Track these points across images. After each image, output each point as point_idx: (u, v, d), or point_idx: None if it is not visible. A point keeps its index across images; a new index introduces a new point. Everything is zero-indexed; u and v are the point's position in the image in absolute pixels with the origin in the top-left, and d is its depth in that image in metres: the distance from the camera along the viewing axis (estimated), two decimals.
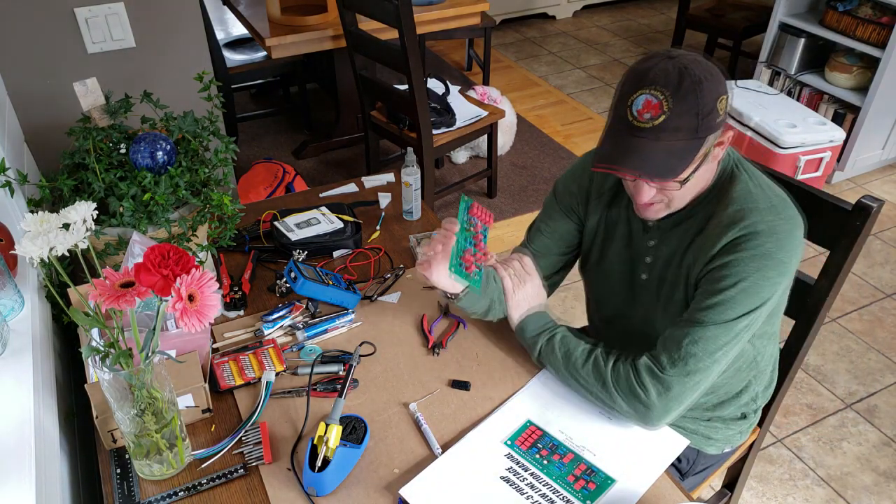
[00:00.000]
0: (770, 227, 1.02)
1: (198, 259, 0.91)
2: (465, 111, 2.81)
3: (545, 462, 1.04)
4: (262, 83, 3.92)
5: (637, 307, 1.22)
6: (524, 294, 1.21)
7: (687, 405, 1.06)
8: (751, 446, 1.46)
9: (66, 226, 0.89)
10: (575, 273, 1.37)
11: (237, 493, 1.00)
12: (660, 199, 1.08)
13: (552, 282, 1.33)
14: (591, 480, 1.01)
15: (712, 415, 1.28)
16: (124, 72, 1.60)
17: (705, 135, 0.97)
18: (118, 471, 1.02)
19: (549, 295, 1.29)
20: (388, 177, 1.75)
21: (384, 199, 1.64)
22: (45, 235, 0.86)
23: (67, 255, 0.89)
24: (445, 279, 1.12)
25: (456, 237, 1.11)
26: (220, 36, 3.35)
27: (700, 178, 1.05)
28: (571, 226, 1.28)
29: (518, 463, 1.03)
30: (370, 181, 1.73)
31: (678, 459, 1.20)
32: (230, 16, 3.64)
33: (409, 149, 1.65)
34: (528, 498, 0.98)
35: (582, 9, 5.31)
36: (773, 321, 1.18)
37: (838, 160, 3.19)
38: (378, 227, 1.57)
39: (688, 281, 1.11)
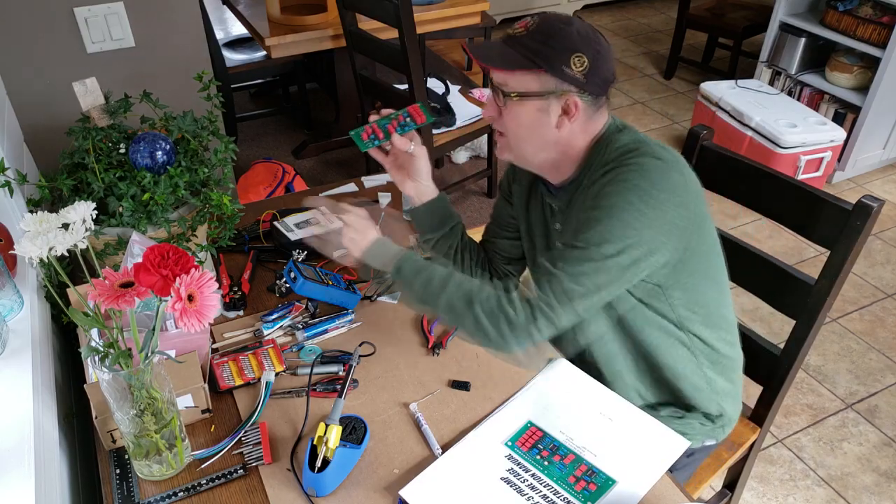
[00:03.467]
0: (636, 160, 1.03)
1: (197, 259, 0.91)
2: (465, 111, 2.81)
3: (546, 463, 1.03)
4: (262, 83, 3.91)
5: None
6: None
7: (549, 331, 1.04)
8: (751, 446, 1.46)
9: (66, 226, 0.89)
10: None
11: (237, 493, 1.00)
12: (500, 127, 1.12)
13: (516, 268, 1.37)
14: (591, 481, 1.01)
15: (677, 413, 1.28)
16: (124, 71, 1.60)
17: (541, 64, 1.02)
18: (118, 471, 1.02)
19: (519, 273, 1.38)
20: (388, 177, 1.74)
21: (384, 199, 1.63)
22: (44, 235, 0.85)
23: (67, 255, 0.89)
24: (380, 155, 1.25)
25: (380, 117, 1.22)
26: (219, 36, 3.35)
27: (534, 127, 1.08)
28: (510, 209, 1.32)
29: (519, 464, 1.03)
30: (370, 181, 1.73)
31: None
32: (230, 15, 3.64)
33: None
34: (528, 499, 0.98)
35: (582, 8, 5.30)
36: (694, 290, 1.15)
37: (839, 160, 3.19)
38: (378, 227, 1.56)
39: None
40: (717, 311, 1.20)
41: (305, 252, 1.44)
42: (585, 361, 1.25)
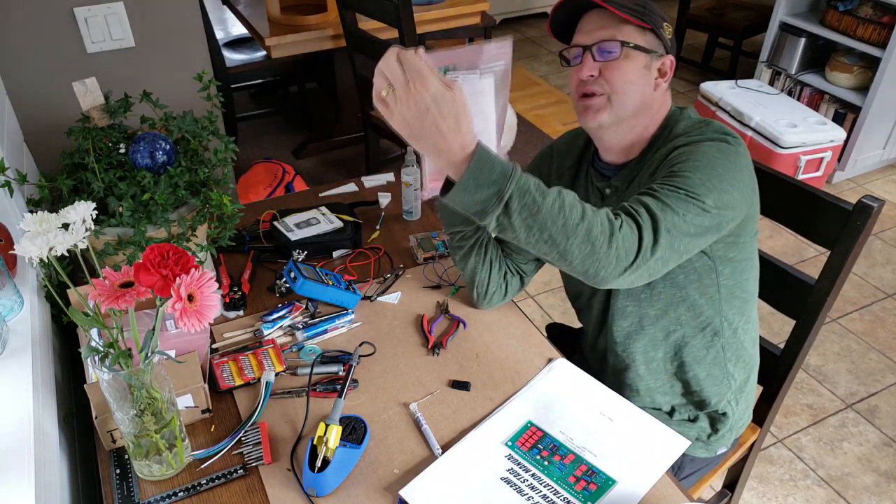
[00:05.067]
0: (710, 129, 1.08)
1: (197, 259, 0.91)
2: None
3: (546, 463, 1.03)
4: (262, 83, 3.91)
5: (600, 291, 1.24)
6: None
7: (663, 264, 0.96)
8: (751, 446, 1.46)
9: (66, 226, 0.89)
10: None
11: (237, 493, 1.00)
12: (599, 87, 1.09)
13: (536, 266, 1.36)
14: (591, 481, 1.01)
15: (691, 413, 1.28)
16: (124, 71, 1.60)
17: (649, 22, 1.08)
18: (118, 471, 1.02)
19: (535, 271, 1.35)
20: (388, 176, 1.75)
21: (384, 199, 1.63)
22: (44, 235, 0.85)
23: (67, 255, 0.89)
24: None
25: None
26: (219, 36, 3.35)
27: (638, 83, 1.09)
28: None
29: (519, 464, 1.03)
30: (370, 181, 1.73)
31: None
32: (230, 15, 3.64)
33: (409, 148, 1.65)
34: (528, 499, 0.98)
35: None
36: (741, 272, 1.15)
37: (839, 160, 3.19)
38: (378, 227, 1.56)
39: None
40: (752, 303, 1.22)
41: (305, 252, 1.44)
42: (617, 345, 1.25)
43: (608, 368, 1.30)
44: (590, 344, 1.36)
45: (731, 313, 1.19)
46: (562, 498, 0.98)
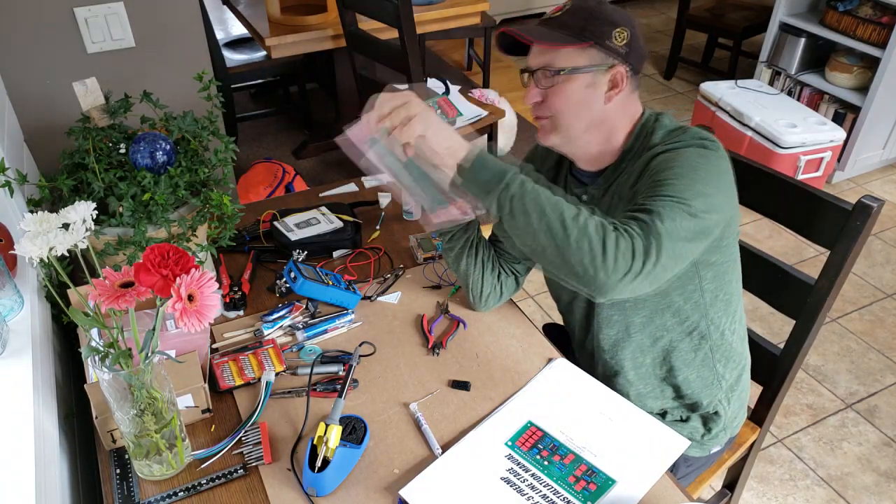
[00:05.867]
0: (688, 136, 1.06)
1: (197, 259, 0.91)
2: (465, 111, 2.81)
3: (546, 463, 1.03)
4: (262, 83, 3.92)
5: (581, 295, 1.24)
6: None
7: (665, 272, 0.94)
8: (751, 446, 1.46)
9: (66, 226, 0.89)
10: None
11: (237, 493, 1.00)
12: (545, 111, 1.11)
13: (528, 266, 1.35)
14: (591, 481, 1.01)
15: (683, 413, 1.28)
16: (124, 72, 1.60)
17: (588, 38, 1.05)
18: (118, 471, 1.02)
19: (528, 271, 1.34)
20: (388, 177, 1.74)
21: (384, 199, 1.63)
22: (44, 235, 0.85)
23: (67, 255, 0.89)
24: None
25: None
26: (220, 36, 3.35)
27: (583, 102, 1.08)
28: None
29: (518, 464, 1.03)
30: (370, 181, 1.73)
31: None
32: (230, 16, 3.64)
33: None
34: (528, 499, 0.98)
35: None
36: (723, 275, 1.14)
37: (839, 160, 3.19)
38: (378, 227, 1.56)
39: None
40: (737, 302, 1.22)
41: (305, 252, 1.44)
42: (603, 350, 1.26)
43: (598, 374, 1.30)
44: (577, 348, 1.36)
45: (717, 315, 1.18)
46: (562, 498, 0.98)
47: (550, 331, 1.65)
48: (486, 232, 1.37)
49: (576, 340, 1.36)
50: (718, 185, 1.02)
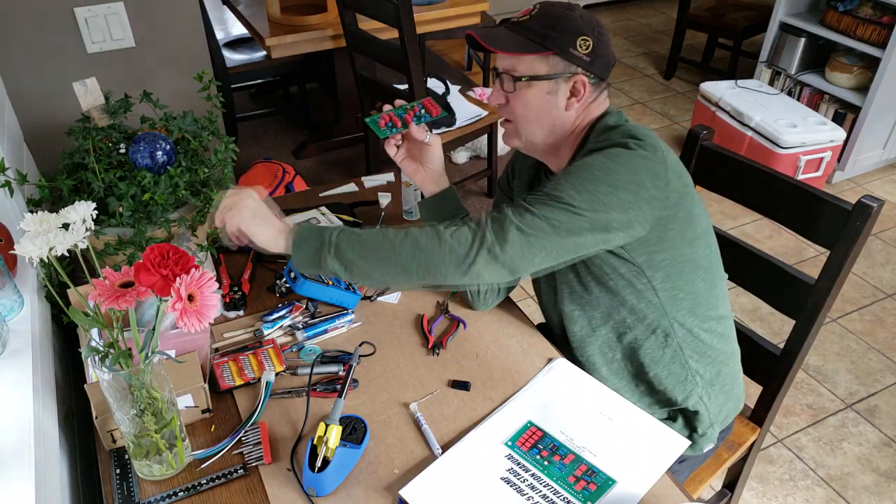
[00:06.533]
0: (610, 136, 1.07)
1: (197, 259, 0.91)
2: (465, 111, 2.81)
3: (546, 463, 1.03)
4: (262, 83, 3.91)
5: (559, 292, 1.25)
6: None
7: (520, 259, 0.98)
8: (751, 446, 1.46)
9: (66, 226, 0.89)
10: None
11: (237, 493, 1.00)
12: (507, 114, 1.15)
13: None
14: (591, 481, 1.01)
15: (662, 413, 1.28)
16: (124, 72, 1.60)
17: (550, 47, 1.07)
18: (118, 471, 1.02)
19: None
20: (388, 177, 1.75)
21: (384, 199, 1.63)
22: (44, 235, 0.86)
23: (67, 255, 0.89)
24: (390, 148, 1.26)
25: (395, 107, 1.25)
26: (219, 36, 3.35)
27: (542, 109, 1.11)
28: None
29: (518, 464, 1.03)
30: (370, 181, 1.73)
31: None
32: (230, 16, 3.64)
33: None
34: (528, 499, 0.98)
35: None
36: (678, 276, 1.14)
37: (839, 160, 3.19)
38: (378, 228, 1.56)
39: None
40: (707, 300, 1.20)
41: None
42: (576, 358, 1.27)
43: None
44: (561, 346, 1.36)
45: (680, 314, 1.17)
46: (562, 498, 0.98)
47: (542, 330, 1.65)
48: None
49: (558, 339, 1.36)
50: (624, 183, 1.01)
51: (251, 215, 1.03)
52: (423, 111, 1.26)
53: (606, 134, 1.09)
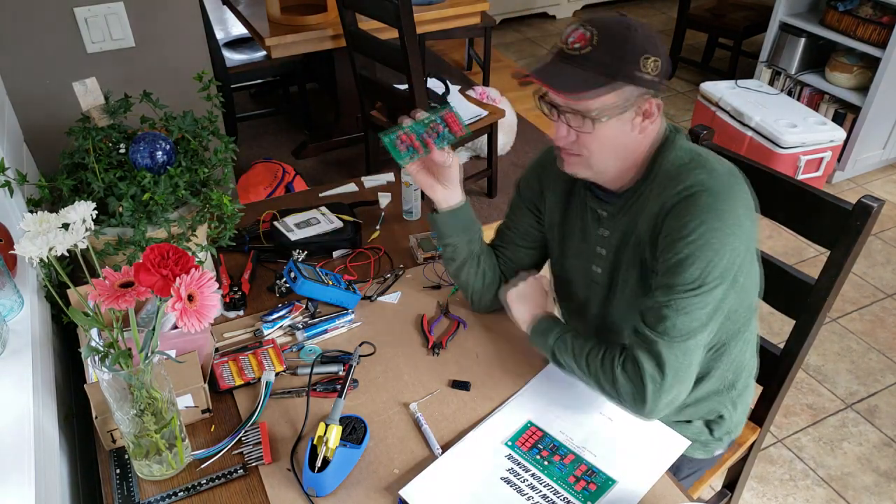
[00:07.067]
0: (705, 184, 1.02)
1: (197, 259, 0.91)
2: (465, 111, 2.81)
3: (546, 463, 1.03)
4: (262, 83, 3.91)
5: (594, 298, 1.23)
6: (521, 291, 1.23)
7: (686, 380, 1.04)
8: (751, 446, 1.46)
9: (66, 226, 0.89)
10: None
11: (237, 493, 1.00)
12: (577, 149, 1.07)
13: (535, 266, 1.34)
14: (591, 481, 1.01)
15: (686, 416, 1.28)
16: (124, 71, 1.60)
17: (623, 80, 0.99)
18: (118, 471, 1.02)
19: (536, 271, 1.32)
20: (388, 176, 1.75)
21: (384, 199, 1.63)
22: (44, 235, 0.85)
23: (67, 255, 0.89)
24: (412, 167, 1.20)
25: (414, 122, 1.15)
26: (219, 36, 3.35)
27: (618, 139, 1.05)
28: (533, 220, 1.29)
29: (519, 464, 1.03)
30: (370, 181, 1.73)
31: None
32: (230, 15, 3.64)
33: None
34: (528, 499, 0.98)
35: (582, 8, 5.31)
36: (737, 313, 1.14)
37: (839, 160, 3.19)
38: (378, 227, 1.56)
39: (638, 259, 1.11)
40: (753, 316, 1.20)
41: (305, 252, 1.44)
42: None
43: None
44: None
45: (731, 333, 1.17)
46: (562, 498, 0.98)
47: None
48: (489, 233, 1.36)
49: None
50: (729, 248, 1.00)
51: (516, 296, 1.22)
52: (445, 129, 1.16)
53: (692, 173, 1.04)
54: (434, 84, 2.84)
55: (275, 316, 1.29)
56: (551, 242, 1.28)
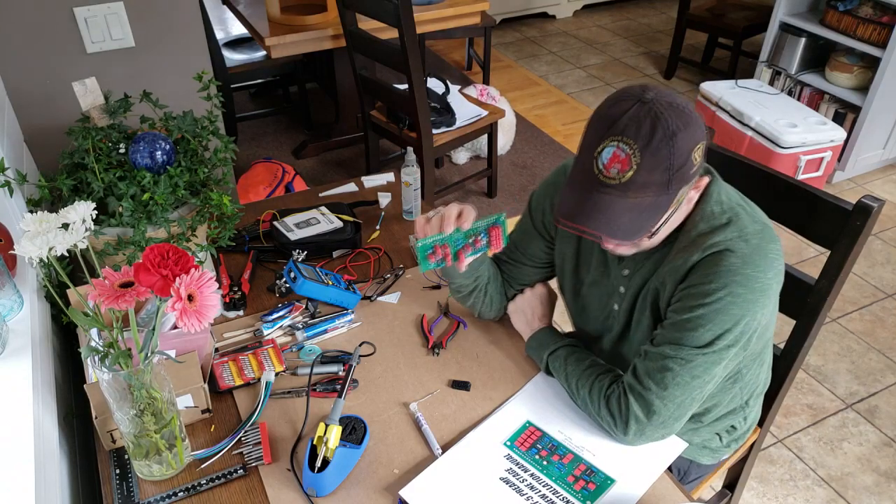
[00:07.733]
0: (734, 245, 0.98)
1: (197, 259, 0.91)
2: (465, 111, 2.81)
3: (545, 463, 1.03)
4: (262, 83, 3.91)
5: (609, 334, 1.21)
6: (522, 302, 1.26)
7: (673, 427, 1.05)
8: (751, 446, 1.46)
9: (66, 226, 0.89)
10: None
11: (237, 493, 1.00)
12: (635, 248, 1.05)
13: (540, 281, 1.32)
14: (590, 481, 1.01)
15: (706, 427, 1.27)
16: (124, 71, 1.60)
17: (677, 189, 0.91)
18: (117, 471, 1.02)
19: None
20: (388, 176, 1.75)
21: (384, 199, 1.63)
22: (44, 235, 0.85)
23: (67, 255, 0.89)
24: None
25: (457, 230, 1.07)
26: (219, 35, 3.35)
27: (672, 223, 1.02)
28: (543, 244, 1.24)
29: (518, 464, 1.03)
30: (370, 181, 1.73)
31: (668, 469, 1.17)
32: (230, 15, 3.64)
33: (409, 148, 1.65)
34: (527, 499, 0.98)
35: (582, 8, 5.31)
36: (759, 344, 1.14)
37: (839, 160, 3.18)
38: (378, 227, 1.56)
39: (655, 305, 1.09)
40: (770, 341, 1.21)
41: (305, 252, 1.44)
42: None
43: None
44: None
45: (746, 362, 1.16)
46: (561, 497, 0.98)
47: None
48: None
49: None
50: (760, 296, 0.98)
51: (514, 310, 1.27)
52: (484, 243, 1.10)
53: (719, 230, 1.00)
54: (434, 84, 2.83)
55: (275, 316, 1.29)
56: (562, 269, 1.25)
